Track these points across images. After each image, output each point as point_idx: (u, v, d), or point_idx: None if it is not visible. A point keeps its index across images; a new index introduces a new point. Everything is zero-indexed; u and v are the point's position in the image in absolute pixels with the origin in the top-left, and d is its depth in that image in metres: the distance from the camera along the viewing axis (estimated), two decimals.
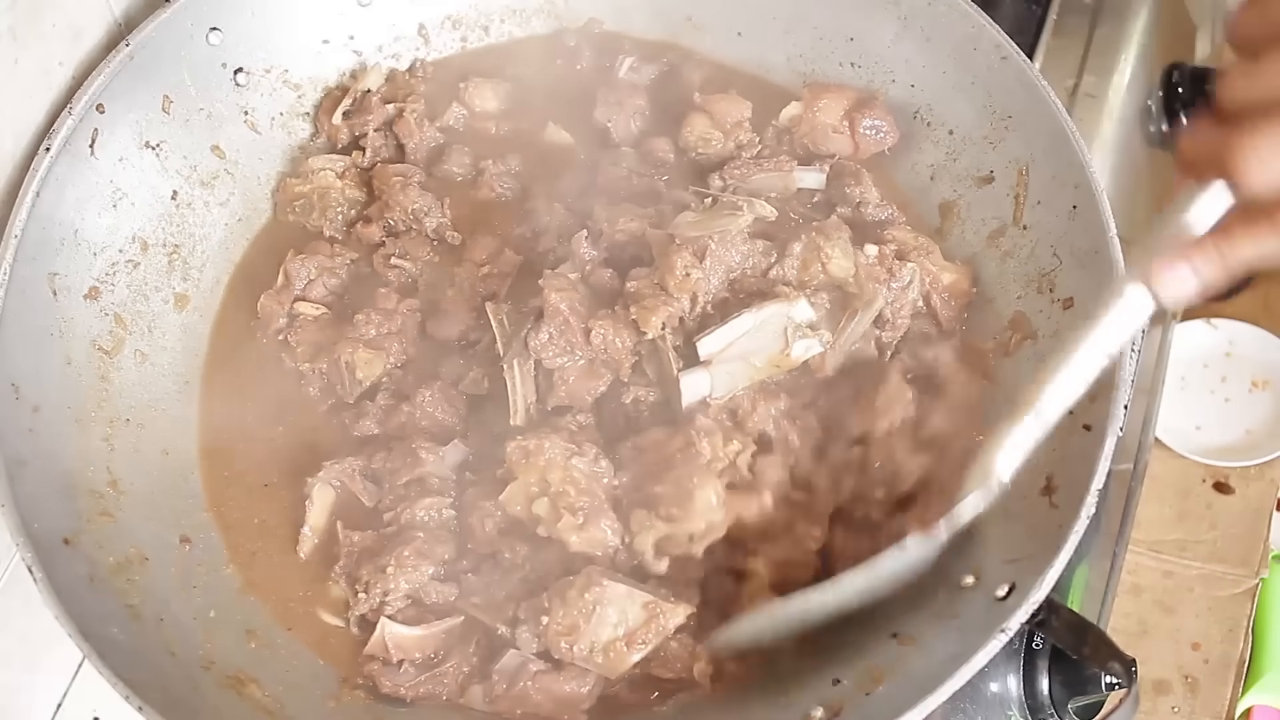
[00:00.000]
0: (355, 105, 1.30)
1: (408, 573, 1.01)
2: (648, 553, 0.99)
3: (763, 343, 1.05)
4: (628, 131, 1.29)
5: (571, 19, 1.38)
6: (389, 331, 1.15)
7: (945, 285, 1.17)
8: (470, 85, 1.32)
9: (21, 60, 1.04)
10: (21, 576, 0.90)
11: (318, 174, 1.25)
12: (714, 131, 1.25)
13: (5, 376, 0.98)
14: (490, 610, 1.01)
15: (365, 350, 1.13)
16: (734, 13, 1.33)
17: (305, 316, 1.19)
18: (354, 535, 1.06)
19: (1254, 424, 1.78)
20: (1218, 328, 1.85)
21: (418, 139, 1.28)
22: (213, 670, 0.97)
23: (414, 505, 1.05)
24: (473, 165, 1.29)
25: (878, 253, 1.12)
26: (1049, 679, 1.03)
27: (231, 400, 1.17)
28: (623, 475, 1.02)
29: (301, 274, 1.19)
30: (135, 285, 1.16)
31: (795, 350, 1.05)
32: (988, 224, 1.20)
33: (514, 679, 0.98)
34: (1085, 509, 0.93)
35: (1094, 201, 1.08)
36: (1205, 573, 1.63)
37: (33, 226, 1.02)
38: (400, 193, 1.22)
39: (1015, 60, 1.15)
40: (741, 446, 1.02)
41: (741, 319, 1.04)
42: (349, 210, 1.26)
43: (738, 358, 1.05)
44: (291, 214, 1.25)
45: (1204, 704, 1.56)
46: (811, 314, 1.06)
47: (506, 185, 1.27)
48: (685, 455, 1.00)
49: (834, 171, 1.25)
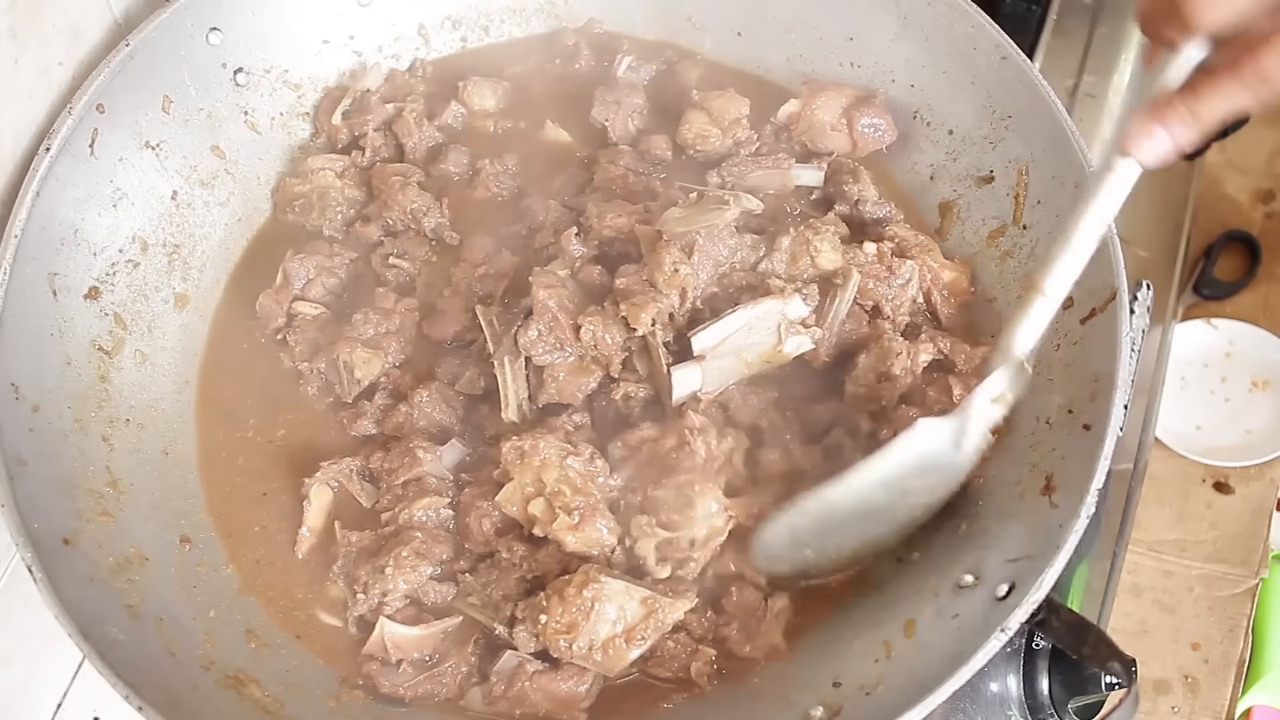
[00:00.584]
0: (355, 105, 1.30)
1: (406, 573, 1.01)
2: (650, 558, 0.99)
3: (756, 338, 1.05)
4: (626, 130, 1.29)
5: (571, 19, 1.38)
6: (387, 331, 1.15)
7: (945, 283, 1.17)
8: (469, 84, 1.33)
9: (21, 60, 1.04)
10: (21, 576, 0.90)
11: (317, 174, 1.25)
12: (712, 129, 1.25)
13: (5, 376, 0.98)
14: (488, 610, 1.01)
15: (364, 350, 1.13)
16: (734, 13, 1.33)
17: (304, 316, 1.19)
18: (352, 535, 1.07)
19: (1254, 424, 1.78)
20: (1218, 328, 1.85)
21: (416, 138, 1.28)
22: (213, 670, 0.97)
23: (412, 505, 1.05)
24: (470, 164, 1.29)
25: (876, 250, 1.12)
26: (1049, 679, 1.03)
27: (229, 401, 1.17)
28: (618, 476, 1.03)
29: (300, 273, 1.20)
30: (135, 285, 1.16)
31: (788, 346, 1.05)
32: (987, 224, 1.20)
33: (512, 679, 0.98)
34: (1085, 509, 0.93)
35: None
36: (1205, 573, 1.63)
37: (33, 226, 1.02)
38: (399, 192, 1.22)
39: (1015, 60, 1.16)
40: (735, 444, 1.02)
41: (736, 314, 1.04)
42: (348, 210, 1.26)
43: (730, 353, 1.05)
44: (291, 213, 1.25)
45: (1204, 704, 1.55)
46: (805, 310, 1.06)
47: (503, 185, 1.27)
48: (681, 456, 1.00)
49: (832, 169, 1.25)
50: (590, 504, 1.00)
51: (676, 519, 0.98)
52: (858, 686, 0.96)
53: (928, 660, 0.93)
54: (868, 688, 0.95)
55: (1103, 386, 1.00)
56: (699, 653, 1.00)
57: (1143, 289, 1.29)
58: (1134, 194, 0.87)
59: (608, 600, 0.95)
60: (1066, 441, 1.01)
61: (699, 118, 1.25)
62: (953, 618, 0.96)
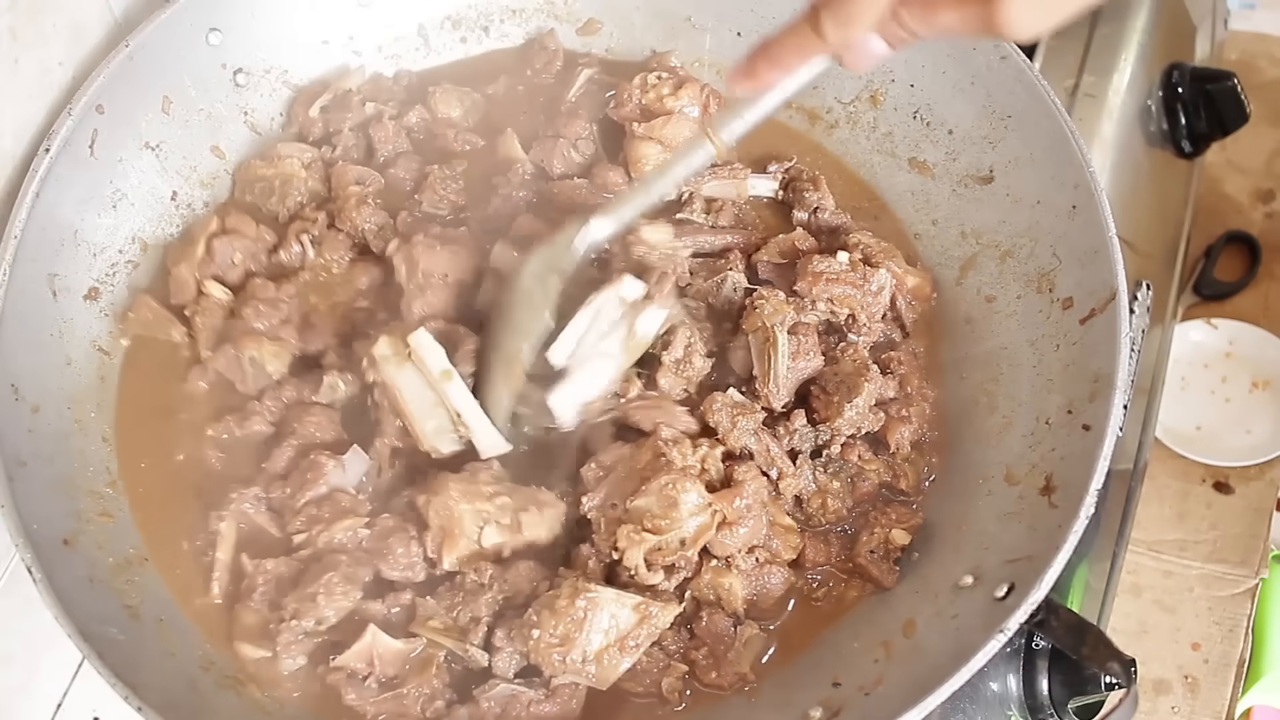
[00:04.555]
0: (334, 101, 1.28)
1: (338, 600, 0.98)
2: (640, 566, 0.98)
3: (609, 331, 1.04)
4: (569, 162, 1.26)
5: (571, 19, 1.38)
6: (281, 320, 1.12)
7: (909, 289, 1.17)
8: (439, 91, 1.30)
9: (21, 60, 1.04)
10: (21, 577, 0.90)
11: (284, 160, 1.23)
12: (666, 155, 1.22)
13: (5, 376, 0.98)
14: (453, 633, 0.98)
15: (270, 343, 1.10)
16: (734, 13, 1.33)
17: (212, 298, 1.14)
18: (267, 564, 1.02)
19: (1254, 424, 1.78)
20: (1218, 328, 1.85)
21: (392, 146, 1.27)
22: (213, 670, 0.97)
23: (331, 528, 1.01)
24: (419, 170, 1.26)
25: (849, 259, 1.13)
26: (1049, 679, 1.03)
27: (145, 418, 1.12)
28: (594, 496, 1.02)
29: (225, 253, 1.16)
30: (135, 285, 1.16)
31: (640, 326, 1.05)
32: (987, 224, 1.20)
33: (507, 707, 0.96)
34: (1085, 509, 0.93)
35: (1094, 201, 1.08)
36: (1205, 573, 1.63)
37: (33, 226, 1.02)
38: (354, 209, 1.18)
39: (1015, 60, 1.16)
40: (709, 447, 1.02)
41: (577, 318, 1.04)
42: (307, 201, 1.23)
43: (593, 355, 1.04)
44: (249, 194, 1.23)
45: (1204, 704, 1.55)
46: (641, 286, 1.06)
47: (449, 190, 1.23)
48: (657, 466, 1.00)
49: (791, 176, 1.26)
50: (527, 496, 1.01)
51: (662, 522, 0.97)
52: (857, 686, 0.96)
53: (927, 660, 0.93)
54: (867, 688, 0.95)
55: (1102, 387, 1.00)
56: (671, 668, 0.99)
57: (1143, 289, 1.29)
58: (1134, 194, 0.87)
59: (600, 608, 0.94)
60: (1066, 441, 1.01)
61: (651, 149, 1.23)
62: (952, 618, 0.96)
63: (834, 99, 1.31)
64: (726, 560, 1.01)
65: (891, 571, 1.05)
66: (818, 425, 1.09)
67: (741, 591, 1.01)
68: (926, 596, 1.01)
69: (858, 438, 1.09)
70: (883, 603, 1.04)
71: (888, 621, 1.01)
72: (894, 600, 1.04)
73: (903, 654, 0.97)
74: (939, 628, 0.97)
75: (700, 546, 0.99)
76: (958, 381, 1.16)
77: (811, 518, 1.08)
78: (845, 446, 1.09)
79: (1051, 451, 1.02)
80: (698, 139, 0.96)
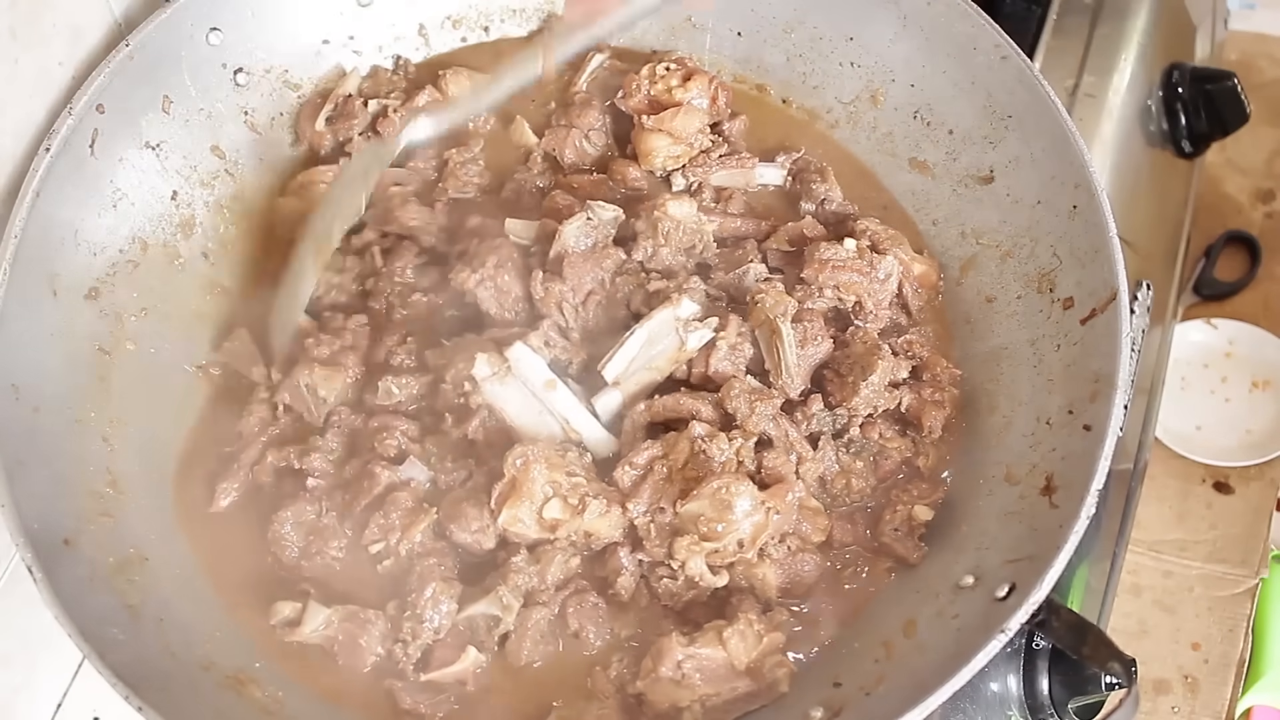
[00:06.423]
0: (337, 110, 1.28)
1: (447, 602, 1.00)
2: (704, 573, 0.99)
3: (660, 348, 1.07)
4: (582, 153, 1.27)
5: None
6: (341, 347, 1.13)
7: (916, 275, 1.17)
8: (449, 73, 1.30)
9: (21, 60, 1.04)
10: (21, 576, 0.90)
11: (313, 187, 1.23)
12: (678, 148, 1.23)
13: (5, 376, 0.98)
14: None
15: (322, 368, 1.11)
16: (734, 13, 1.33)
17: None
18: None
19: (1254, 424, 1.78)
20: (1218, 328, 1.85)
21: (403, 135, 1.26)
22: (213, 670, 0.97)
23: (408, 533, 1.02)
24: (438, 155, 1.27)
25: (856, 246, 1.13)
26: (1049, 679, 1.03)
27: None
28: (638, 502, 1.01)
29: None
30: (135, 285, 1.16)
31: (690, 343, 1.06)
32: (988, 223, 1.19)
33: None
34: (1085, 509, 0.93)
35: (1094, 201, 1.08)
36: (1205, 573, 1.63)
37: (33, 226, 1.02)
38: (401, 210, 1.19)
39: (1015, 60, 1.16)
40: (742, 439, 1.02)
41: (635, 336, 1.06)
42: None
43: (641, 369, 1.07)
44: (289, 232, 1.21)
45: (1204, 704, 1.56)
46: (696, 307, 1.08)
47: (471, 175, 1.24)
48: (699, 464, 1.00)
49: (799, 167, 1.26)
50: (599, 490, 1.01)
51: (718, 526, 0.97)
52: (858, 686, 0.96)
53: (928, 661, 0.93)
54: (868, 688, 0.95)
55: (1103, 387, 1.00)
56: None
57: (1143, 289, 1.29)
58: (1134, 194, 0.87)
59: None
60: (1066, 442, 1.02)
61: (661, 141, 1.23)
62: (953, 618, 0.96)
63: (834, 98, 1.31)
64: (760, 551, 1.01)
65: (917, 548, 1.05)
66: (834, 409, 1.09)
67: (775, 581, 1.01)
68: (927, 596, 1.01)
69: (876, 416, 1.09)
70: (883, 603, 1.04)
71: (888, 621, 1.01)
72: (894, 600, 1.04)
73: (903, 654, 0.97)
74: (939, 628, 0.97)
75: (759, 546, 1.00)
76: None
77: (837, 498, 1.08)
78: (865, 425, 1.09)
79: (1052, 451, 1.02)
80: (530, 55, 1.06)
